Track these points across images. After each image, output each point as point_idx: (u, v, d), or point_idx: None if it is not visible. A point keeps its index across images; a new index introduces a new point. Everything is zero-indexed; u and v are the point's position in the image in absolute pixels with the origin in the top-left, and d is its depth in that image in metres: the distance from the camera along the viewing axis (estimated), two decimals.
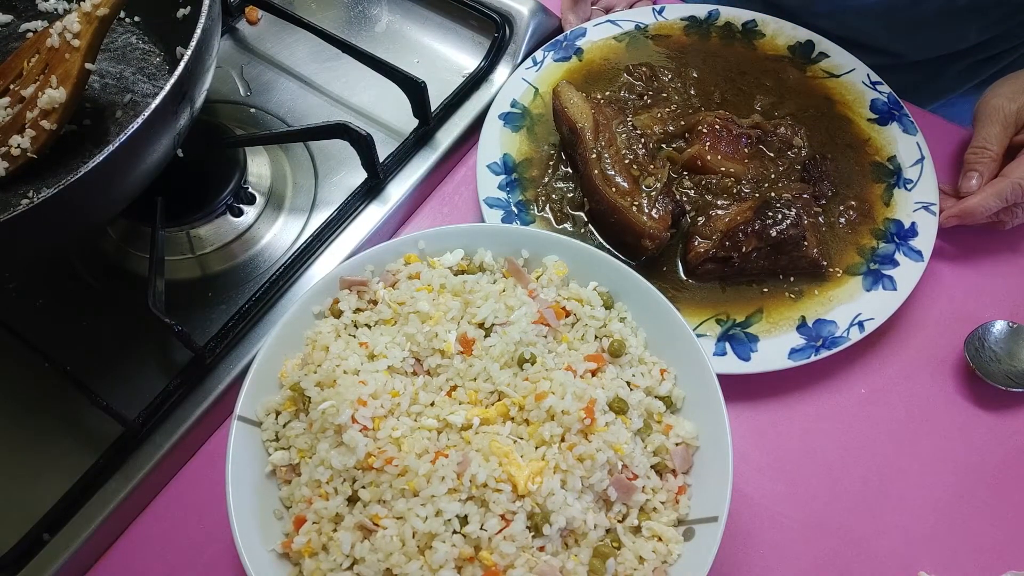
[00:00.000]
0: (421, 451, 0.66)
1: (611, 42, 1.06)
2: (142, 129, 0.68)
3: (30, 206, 0.64)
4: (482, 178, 0.93)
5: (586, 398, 0.68)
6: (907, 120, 0.96)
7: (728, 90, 1.02)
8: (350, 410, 0.67)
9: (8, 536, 0.75)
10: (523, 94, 1.01)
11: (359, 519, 0.65)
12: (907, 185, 0.92)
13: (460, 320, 0.75)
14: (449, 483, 0.64)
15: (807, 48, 1.04)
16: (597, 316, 0.76)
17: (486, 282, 0.78)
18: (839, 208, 0.92)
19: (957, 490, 0.79)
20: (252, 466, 0.71)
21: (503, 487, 0.64)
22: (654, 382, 0.73)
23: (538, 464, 0.65)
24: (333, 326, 0.76)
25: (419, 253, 0.80)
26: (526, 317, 0.73)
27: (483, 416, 0.69)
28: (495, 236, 0.80)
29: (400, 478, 0.65)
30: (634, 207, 0.87)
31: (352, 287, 0.78)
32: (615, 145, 0.91)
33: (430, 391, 0.71)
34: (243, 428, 0.71)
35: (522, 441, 0.68)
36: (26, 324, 0.83)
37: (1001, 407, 0.83)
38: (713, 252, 0.86)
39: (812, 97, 1.01)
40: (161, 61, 0.93)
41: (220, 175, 0.95)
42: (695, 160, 0.93)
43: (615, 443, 0.67)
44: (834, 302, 0.86)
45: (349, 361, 0.71)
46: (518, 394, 0.70)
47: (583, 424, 0.67)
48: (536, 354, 0.72)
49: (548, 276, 0.78)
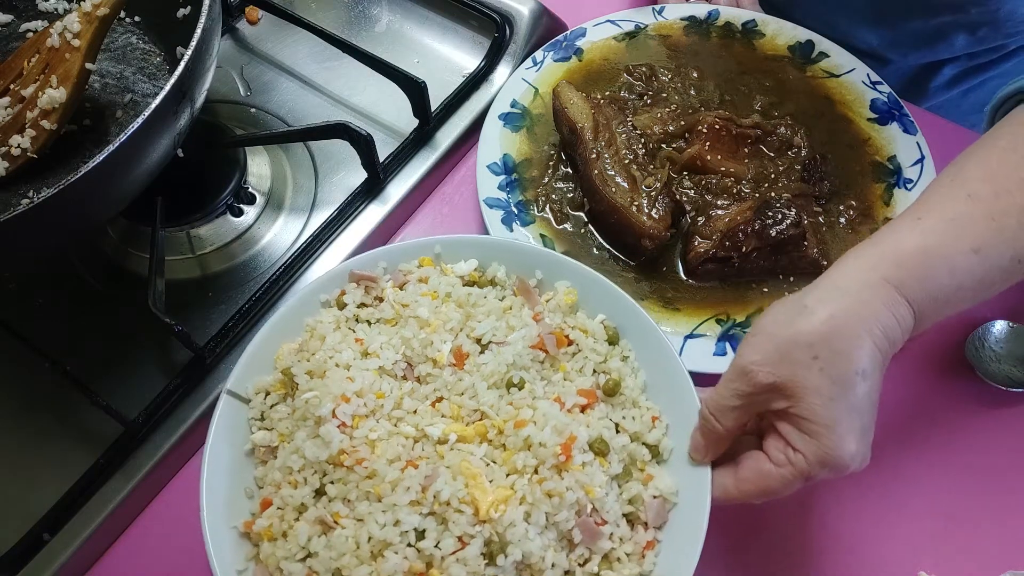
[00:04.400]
0: (393, 457, 0.65)
1: (611, 42, 1.06)
2: (142, 129, 0.68)
3: (30, 206, 0.64)
4: (482, 178, 0.93)
5: (566, 433, 0.66)
6: (907, 120, 0.96)
7: (728, 90, 1.02)
8: (332, 404, 0.66)
9: (8, 536, 0.75)
10: (523, 94, 1.01)
11: (320, 513, 0.65)
12: (907, 185, 0.92)
13: (459, 332, 0.74)
14: (413, 494, 0.63)
15: (807, 48, 1.04)
16: (599, 350, 0.74)
17: (493, 297, 0.76)
18: (839, 208, 0.92)
19: (957, 490, 0.79)
20: (233, 441, 0.71)
21: (465, 509, 0.63)
22: (644, 428, 0.71)
23: (505, 492, 0.64)
24: (335, 317, 0.75)
25: (434, 257, 0.79)
26: (524, 340, 0.72)
27: (461, 433, 0.67)
28: (511, 252, 0.79)
29: (367, 480, 0.65)
30: (634, 207, 0.87)
31: (360, 281, 0.77)
32: (615, 145, 0.91)
33: (415, 398, 0.70)
34: (231, 403, 0.72)
35: (494, 465, 0.66)
36: (26, 324, 0.83)
37: (1001, 407, 0.83)
38: (713, 252, 0.86)
39: (812, 97, 1.01)
40: (161, 61, 0.93)
41: (220, 175, 0.95)
42: (695, 160, 0.93)
43: (588, 484, 0.65)
44: None
45: (342, 355, 0.71)
46: (499, 417, 0.68)
47: (558, 459, 0.65)
48: (526, 379, 0.70)
49: (557, 301, 0.76)
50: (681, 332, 0.83)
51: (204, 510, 0.66)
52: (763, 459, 0.64)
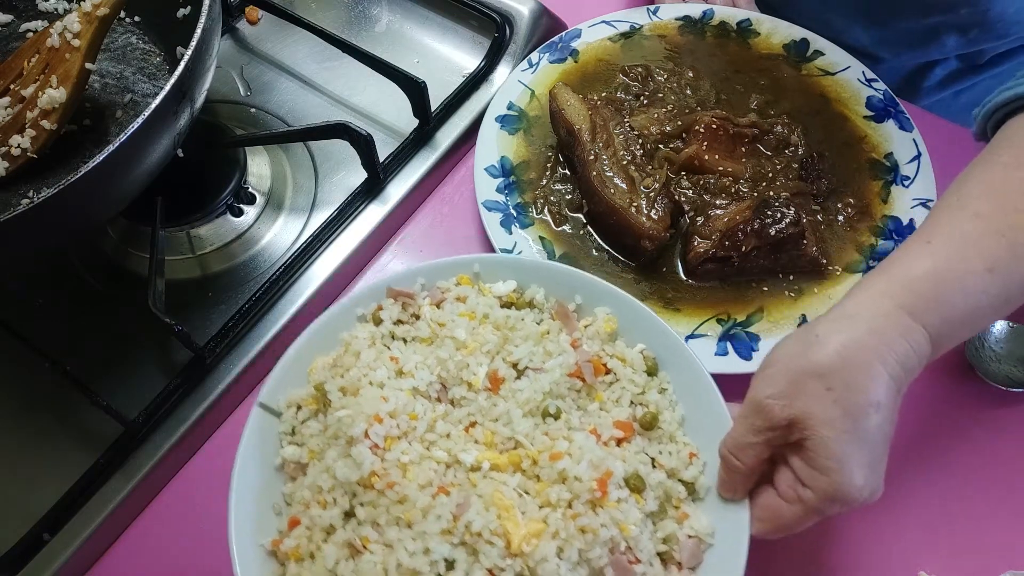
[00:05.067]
0: (425, 482, 0.64)
1: (606, 43, 1.06)
2: (142, 129, 0.68)
3: (30, 206, 0.64)
4: (480, 181, 0.93)
5: (602, 468, 0.64)
6: (903, 117, 0.96)
7: (724, 89, 1.02)
8: (364, 424, 0.65)
9: (8, 536, 0.75)
10: (519, 96, 1.00)
11: (349, 536, 0.64)
12: (904, 182, 0.92)
13: (495, 356, 0.72)
14: (444, 523, 0.62)
15: (802, 46, 1.04)
16: (637, 381, 0.72)
17: (531, 320, 0.75)
18: (837, 206, 0.92)
19: (957, 490, 0.79)
20: (263, 455, 0.70)
21: (497, 541, 0.61)
22: (681, 464, 0.69)
23: (537, 525, 0.63)
24: (370, 333, 0.74)
25: (473, 276, 0.79)
26: (561, 368, 0.70)
27: (494, 461, 0.66)
28: (552, 275, 0.78)
29: (398, 505, 0.63)
30: (633, 208, 0.87)
31: (398, 297, 0.76)
32: (613, 146, 0.91)
33: (449, 422, 0.69)
34: (262, 415, 0.71)
35: (527, 496, 0.65)
36: (26, 324, 0.83)
37: (1001, 407, 0.83)
38: (713, 252, 0.86)
39: (808, 95, 1.01)
40: (161, 61, 0.93)
41: (220, 175, 0.95)
42: (693, 160, 0.93)
43: (623, 522, 0.64)
44: (834, 300, 0.84)
45: (376, 373, 0.70)
46: (534, 447, 0.67)
47: (593, 495, 0.64)
48: (562, 409, 0.69)
49: (596, 328, 0.75)
50: (682, 332, 0.83)
51: (232, 525, 0.65)
52: (774, 495, 0.64)
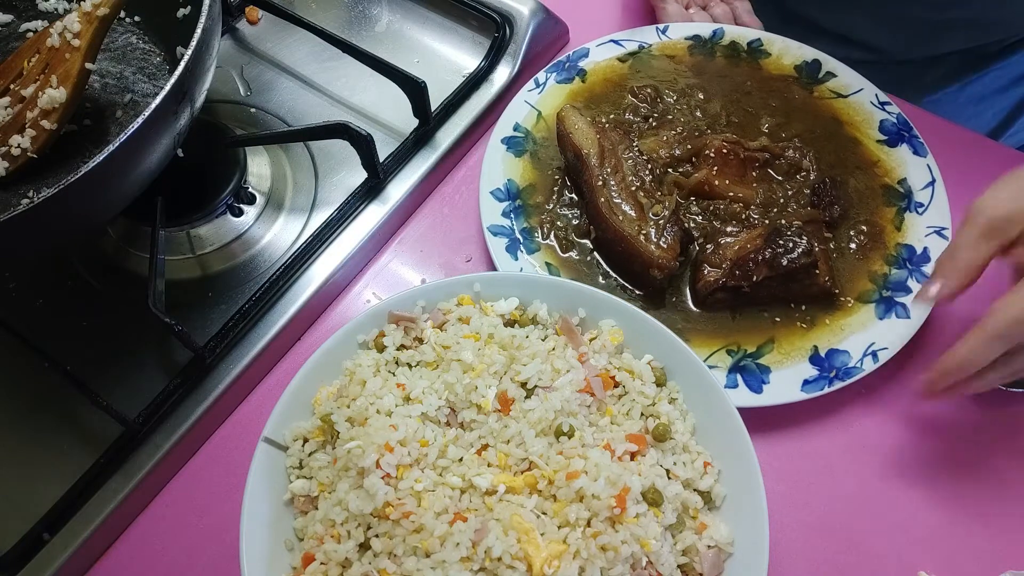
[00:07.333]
0: (440, 510, 0.63)
1: (614, 63, 1.03)
2: (142, 129, 0.68)
3: (30, 206, 0.64)
4: (485, 205, 0.91)
5: (620, 484, 0.64)
6: (917, 141, 0.93)
7: (734, 111, 0.99)
8: (376, 455, 0.64)
9: (8, 536, 0.75)
10: (526, 117, 0.98)
11: (367, 569, 0.63)
12: (918, 209, 0.90)
13: (503, 376, 0.71)
14: (463, 551, 0.61)
15: (813, 67, 1.01)
16: (647, 393, 0.72)
17: (536, 337, 0.74)
18: (849, 233, 0.90)
19: (957, 490, 0.79)
20: (271, 490, 0.70)
21: (518, 565, 0.61)
22: (695, 474, 0.69)
23: (558, 547, 0.62)
24: (374, 360, 0.74)
25: (473, 295, 0.78)
26: (571, 385, 0.70)
27: (510, 484, 0.65)
28: (553, 290, 0.78)
29: (415, 535, 0.63)
30: (642, 236, 0.84)
31: (400, 322, 0.76)
32: (621, 171, 0.88)
33: (460, 446, 0.68)
34: (267, 450, 0.70)
35: (545, 517, 0.64)
36: (26, 324, 0.84)
37: (1001, 407, 0.83)
38: (723, 281, 0.84)
39: (819, 118, 0.98)
40: (161, 61, 0.93)
41: (220, 175, 0.95)
42: (703, 185, 0.91)
43: (643, 538, 0.63)
44: (847, 331, 0.83)
45: (383, 401, 0.69)
46: (549, 467, 0.66)
47: (612, 512, 0.63)
48: (576, 427, 0.68)
49: (602, 341, 0.74)
50: None
51: (244, 563, 0.64)
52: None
